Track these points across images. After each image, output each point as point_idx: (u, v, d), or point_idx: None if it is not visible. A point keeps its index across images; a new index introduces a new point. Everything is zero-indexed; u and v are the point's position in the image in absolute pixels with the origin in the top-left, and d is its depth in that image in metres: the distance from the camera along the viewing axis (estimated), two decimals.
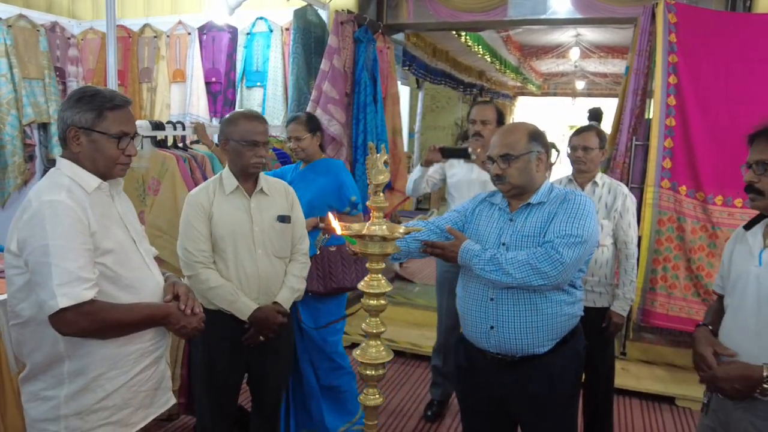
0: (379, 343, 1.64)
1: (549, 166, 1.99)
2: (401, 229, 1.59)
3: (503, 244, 1.89)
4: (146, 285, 1.72)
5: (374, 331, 1.61)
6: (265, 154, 2.23)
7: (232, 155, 2.23)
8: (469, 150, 2.95)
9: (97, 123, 1.61)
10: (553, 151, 2.53)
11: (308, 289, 2.72)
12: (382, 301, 1.61)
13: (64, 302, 1.48)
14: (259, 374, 2.39)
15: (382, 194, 1.59)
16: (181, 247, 2.23)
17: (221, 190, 2.24)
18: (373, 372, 1.63)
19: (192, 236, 2.19)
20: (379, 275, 1.60)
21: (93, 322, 1.54)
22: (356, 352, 1.64)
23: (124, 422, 1.68)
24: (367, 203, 1.59)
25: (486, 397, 1.98)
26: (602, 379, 2.84)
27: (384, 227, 1.55)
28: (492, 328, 1.88)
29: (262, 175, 2.30)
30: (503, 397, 1.95)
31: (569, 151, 2.84)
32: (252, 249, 2.22)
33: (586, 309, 2.68)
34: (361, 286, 1.61)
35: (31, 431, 1.65)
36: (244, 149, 2.19)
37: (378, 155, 1.58)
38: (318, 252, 2.75)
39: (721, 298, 1.81)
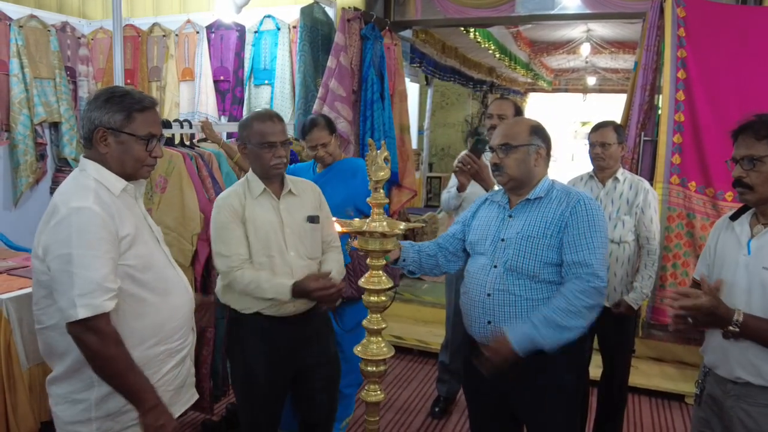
0: (380, 339, 1.65)
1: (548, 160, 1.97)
2: (401, 225, 1.60)
3: (502, 240, 1.90)
4: (173, 285, 1.72)
5: (375, 327, 1.62)
6: (284, 154, 2.14)
7: (252, 159, 2.16)
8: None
9: (125, 124, 1.60)
10: None
11: (342, 295, 2.72)
12: (383, 298, 1.62)
13: (83, 313, 1.46)
14: (306, 385, 2.27)
15: (382, 191, 1.59)
16: (216, 254, 2.11)
17: (250, 194, 2.16)
18: (374, 368, 1.64)
19: (228, 240, 2.09)
20: (380, 272, 1.61)
21: (98, 343, 1.49)
22: (357, 348, 1.65)
23: None
24: (367, 200, 1.60)
25: (489, 392, 1.99)
26: (617, 379, 2.83)
27: (384, 224, 1.56)
28: (489, 323, 1.89)
29: (287, 176, 2.23)
30: (505, 393, 1.95)
31: (588, 148, 2.83)
32: (284, 251, 2.14)
33: (607, 309, 2.69)
34: (362, 282, 1.62)
35: None
36: (262, 151, 2.10)
37: (378, 152, 1.59)
38: (351, 260, 2.68)
39: (697, 284, 1.81)
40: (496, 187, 2.79)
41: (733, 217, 1.78)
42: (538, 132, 1.92)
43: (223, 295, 2.19)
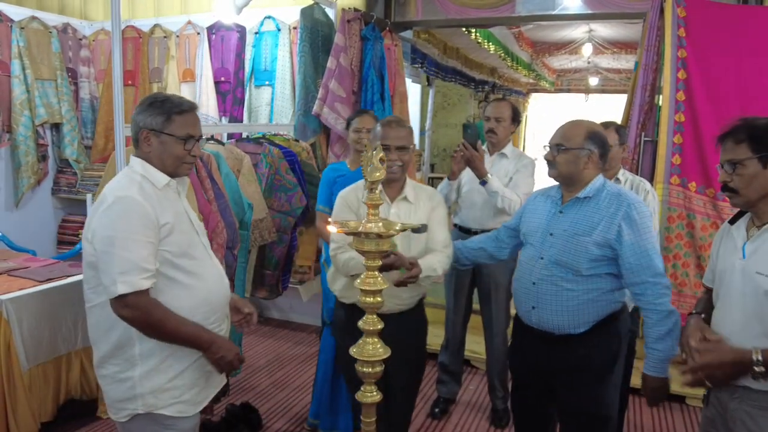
0: (376, 340, 1.64)
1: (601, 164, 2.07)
2: (397, 225, 1.59)
3: (551, 234, 2.05)
4: (209, 272, 1.86)
5: (371, 328, 1.62)
6: (395, 158, 2.18)
7: None
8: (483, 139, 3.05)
9: (166, 126, 1.76)
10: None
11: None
12: (379, 299, 1.61)
13: (122, 289, 1.62)
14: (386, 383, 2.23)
15: (377, 191, 1.59)
16: (330, 240, 2.23)
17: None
18: (370, 369, 1.64)
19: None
20: (376, 272, 1.61)
21: (142, 314, 1.66)
22: (353, 349, 1.65)
23: (192, 401, 1.83)
24: (364, 200, 1.60)
25: (531, 371, 2.15)
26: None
27: (380, 224, 1.56)
28: (534, 308, 2.06)
29: (410, 181, 2.29)
30: (544, 370, 2.10)
31: None
32: None
33: None
34: (358, 283, 1.62)
35: (112, 410, 1.81)
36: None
37: (373, 152, 1.59)
38: None
39: (709, 291, 1.86)
40: (489, 176, 2.82)
41: (732, 222, 1.79)
42: (594, 137, 2.01)
43: (330, 284, 2.34)
